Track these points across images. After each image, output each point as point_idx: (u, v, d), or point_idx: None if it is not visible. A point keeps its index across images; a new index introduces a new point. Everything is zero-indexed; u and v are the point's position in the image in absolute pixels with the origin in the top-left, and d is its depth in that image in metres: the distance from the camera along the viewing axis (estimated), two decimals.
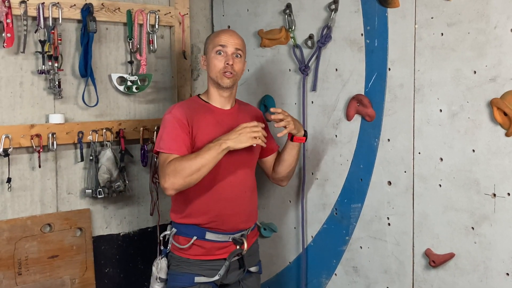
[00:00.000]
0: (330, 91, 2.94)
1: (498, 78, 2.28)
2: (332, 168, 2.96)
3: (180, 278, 2.59)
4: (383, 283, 2.78)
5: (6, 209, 2.89)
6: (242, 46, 2.66)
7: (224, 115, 2.66)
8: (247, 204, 2.67)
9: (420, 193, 2.59)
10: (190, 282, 2.57)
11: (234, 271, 2.67)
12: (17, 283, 2.88)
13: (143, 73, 3.24)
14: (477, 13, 2.33)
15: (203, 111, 2.63)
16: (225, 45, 2.60)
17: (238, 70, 2.63)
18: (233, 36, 2.65)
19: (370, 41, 2.75)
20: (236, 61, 2.62)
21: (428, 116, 2.53)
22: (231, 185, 2.60)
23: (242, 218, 2.64)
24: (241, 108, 2.76)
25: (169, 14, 3.35)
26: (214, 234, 2.59)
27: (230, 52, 2.60)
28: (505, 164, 2.28)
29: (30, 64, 2.91)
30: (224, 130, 2.57)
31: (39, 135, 2.89)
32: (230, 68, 2.59)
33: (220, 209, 2.58)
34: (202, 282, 2.58)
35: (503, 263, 2.32)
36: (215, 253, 2.61)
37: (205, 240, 2.59)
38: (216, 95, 2.67)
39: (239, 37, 2.68)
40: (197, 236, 2.58)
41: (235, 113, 2.70)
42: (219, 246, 2.61)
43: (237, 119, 2.65)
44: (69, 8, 2.96)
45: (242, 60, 2.66)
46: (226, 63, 2.59)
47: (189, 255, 2.60)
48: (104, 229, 3.24)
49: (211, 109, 2.66)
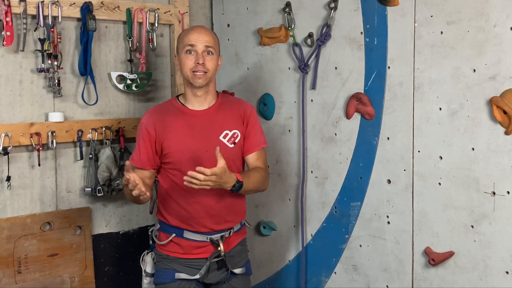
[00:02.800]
0: (329, 89, 2.94)
1: (498, 77, 2.27)
2: (332, 167, 2.96)
3: (162, 274, 2.62)
4: (383, 282, 2.78)
5: (5, 207, 2.89)
6: (213, 42, 2.58)
7: (197, 117, 2.61)
8: (223, 207, 2.60)
9: (419, 192, 2.59)
10: (171, 278, 2.59)
11: (214, 271, 2.64)
12: (17, 281, 2.88)
13: (142, 72, 3.25)
14: (476, 11, 2.33)
15: (175, 115, 2.61)
16: (194, 44, 2.54)
17: (210, 67, 2.56)
18: (202, 33, 2.57)
19: (369, 40, 2.74)
20: (208, 58, 2.55)
21: (427, 114, 2.53)
22: (206, 189, 2.43)
23: (216, 220, 2.60)
24: (222, 107, 2.67)
25: (168, 12, 3.35)
26: (192, 233, 2.60)
27: (200, 50, 2.54)
28: (504, 163, 2.28)
29: (29, 62, 2.91)
30: (197, 132, 2.57)
31: (38, 134, 2.89)
32: (201, 67, 2.53)
33: (193, 211, 2.58)
34: (182, 278, 2.59)
35: (502, 261, 2.32)
36: (192, 252, 2.61)
37: (183, 238, 2.60)
38: (190, 96, 2.63)
39: (210, 33, 2.61)
40: (176, 233, 2.61)
41: (212, 112, 2.63)
42: (196, 245, 2.60)
43: (213, 119, 2.61)
44: (68, 7, 2.96)
45: (214, 57, 2.58)
46: (197, 62, 2.53)
47: (169, 252, 2.63)
48: (104, 228, 3.24)
49: (184, 112, 2.62)
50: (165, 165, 2.62)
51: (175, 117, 2.61)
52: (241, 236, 2.75)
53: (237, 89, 3.43)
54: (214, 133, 2.60)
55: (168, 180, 2.62)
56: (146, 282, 2.70)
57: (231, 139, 2.62)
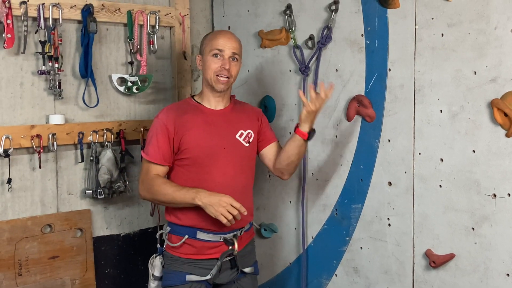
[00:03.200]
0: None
1: (499, 79, 2.27)
2: (333, 169, 2.96)
3: (172, 277, 2.61)
4: (384, 284, 2.77)
5: (6, 209, 2.89)
6: (239, 49, 2.67)
7: (214, 115, 2.67)
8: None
9: (420, 194, 2.59)
10: (181, 280, 2.59)
11: (226, 271, 2.66)
12: (18, 283, 2.87)
13: (143, 74, 3.24)
14: (477, 13, 2.33)
15: (193, 112, 2.65)
16: (223, 49, 2.61)
17: (234, 73, 2.65)
18: (231, 39, 2.65)
19: (370, 42, 2.74)
20: (233, 64, 2.63)
21: (428, 116, 2.53)
22: (220, 186, 2.56)
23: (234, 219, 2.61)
24: (236, 108, 2.76)
25: (169, 14, 3.35)
26: (205, 233, 2.60)
27: (227, 56, 2.61)
28: (505, 165, 2.28)
29: (30, 64, 2.92)
30: (215, 129, 2.62)
31: (39, 136, 2.89)
32: (226, 72, 2.60)
33: None
34: (193, 280, 2.59)
35: (503, 264, 2.31)
36: (206, 253, 2.61)
37: (196, 239, 2.60)
38: (209, 96, 2.69)
39: (237, 40, 2.68)
40: (189, 235, 2.60)
41: (228, 113, 2.71)
42: (210, 245, 2.61)
43: (229, 118, 2.68)
44: (69, 9, 2.96)
45: (238, 63, 2.67)
46: (223, 66, 2.60)
47: (181, 253, 2.62)
48: (105, 230, 3.24)
49: (202, 110, 2.67)
50: (181, 162, 2.62)
51: (193, 114, 2.65)
52: (250, 235, 2.79)
53: (238, 91, 3.43)
54: (231, 131, 2.67)
55: (183, 177, 2.62)
56: (153, 286, 2.69)
57: (246, 138, 2.70)
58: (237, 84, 3.45)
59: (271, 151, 2.80)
